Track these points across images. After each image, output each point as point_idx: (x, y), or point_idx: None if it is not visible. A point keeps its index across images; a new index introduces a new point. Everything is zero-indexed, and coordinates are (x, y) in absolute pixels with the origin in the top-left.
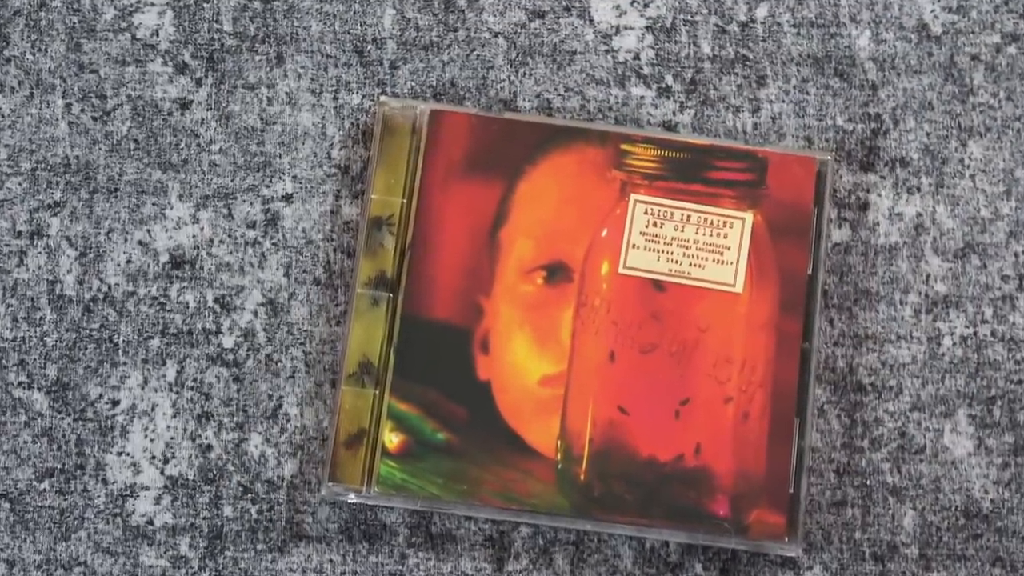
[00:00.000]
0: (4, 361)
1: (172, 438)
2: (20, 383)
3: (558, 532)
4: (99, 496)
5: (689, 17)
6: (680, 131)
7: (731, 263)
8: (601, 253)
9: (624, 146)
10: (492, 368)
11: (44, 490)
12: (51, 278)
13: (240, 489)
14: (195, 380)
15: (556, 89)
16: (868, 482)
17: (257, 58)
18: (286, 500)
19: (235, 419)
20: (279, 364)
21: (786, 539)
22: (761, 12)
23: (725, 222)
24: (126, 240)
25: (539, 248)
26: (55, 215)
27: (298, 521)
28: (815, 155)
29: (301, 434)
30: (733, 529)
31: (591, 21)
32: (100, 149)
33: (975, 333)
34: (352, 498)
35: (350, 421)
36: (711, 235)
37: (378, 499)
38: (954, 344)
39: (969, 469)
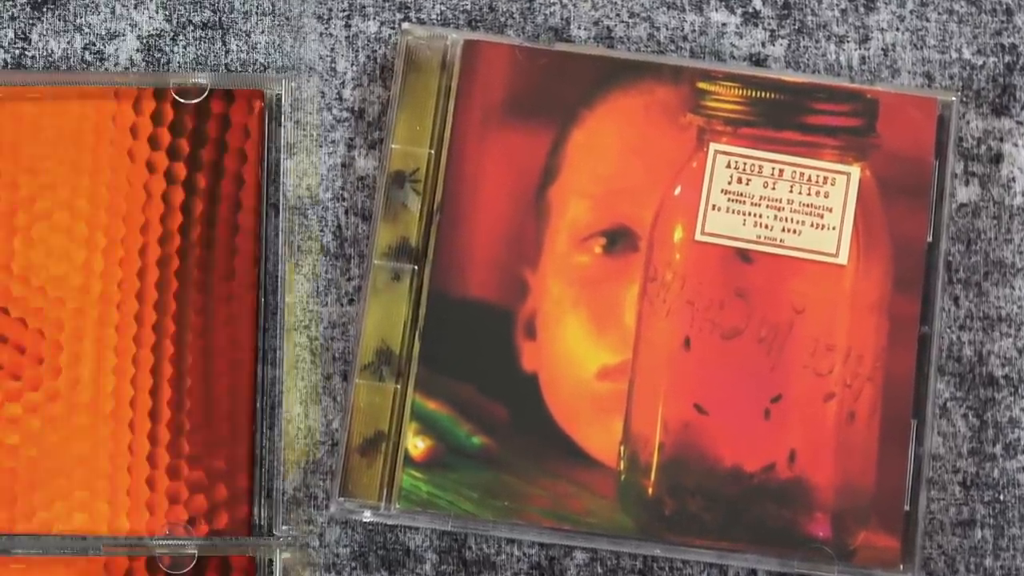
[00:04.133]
0: None
1: None
2: None
3: (621, 558)
4: None
5: None
6: (771, 66)
7: (833, 228)
8: (674, 216)
9: (702, 84)
10: (540, 358)
11: None
12: None
13: None
14: None
15: (618, 14)
16: (1001, 497)
17: None
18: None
19: None
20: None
21: (901, 567)
22: None
23: (826, 178)
24: None
25: (597, 210)
26: None
27: (302, 544)
28: (937, 95)
29: (305, 438)
30: (835, 554)
31: None
32: None
33: None
34: (368, 516)
35: (366, 422)
36: (809, 194)
37: (400, 518)
38: None
39: None
